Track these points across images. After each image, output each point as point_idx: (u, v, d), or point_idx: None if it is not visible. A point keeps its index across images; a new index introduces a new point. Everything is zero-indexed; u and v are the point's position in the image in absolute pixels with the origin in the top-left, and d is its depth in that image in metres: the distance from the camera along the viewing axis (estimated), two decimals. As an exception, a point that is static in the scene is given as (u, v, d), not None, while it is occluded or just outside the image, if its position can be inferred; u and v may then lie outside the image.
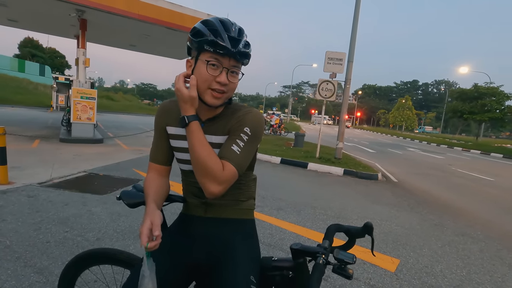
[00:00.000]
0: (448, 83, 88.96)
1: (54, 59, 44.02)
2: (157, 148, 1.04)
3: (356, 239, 1.03)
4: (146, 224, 0.81)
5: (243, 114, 0.95)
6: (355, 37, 8.14)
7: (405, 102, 48.21)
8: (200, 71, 0.88)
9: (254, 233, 1.10)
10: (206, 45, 0.85)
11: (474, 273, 2.67)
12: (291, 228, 3.26)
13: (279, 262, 1.02)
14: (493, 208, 5.16)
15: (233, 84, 0.91)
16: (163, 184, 1.03)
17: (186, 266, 0.99)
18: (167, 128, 1.01)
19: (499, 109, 23.07)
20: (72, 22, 8.30)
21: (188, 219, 1.05)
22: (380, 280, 2.39)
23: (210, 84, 0.88)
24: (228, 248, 0.99)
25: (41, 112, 18.29)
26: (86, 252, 1.22)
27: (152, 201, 0.92)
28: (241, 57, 0.88)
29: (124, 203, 1.07)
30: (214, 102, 0.90)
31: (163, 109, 1.03)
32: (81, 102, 8.00)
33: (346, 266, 0.89)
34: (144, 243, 0.78)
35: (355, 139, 21.52)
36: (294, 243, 0.98)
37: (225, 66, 0.87)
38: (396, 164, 9.90)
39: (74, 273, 1.26)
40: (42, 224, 2.78)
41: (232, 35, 0.86)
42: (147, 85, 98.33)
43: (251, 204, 1.09)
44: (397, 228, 3.65)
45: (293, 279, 1.00)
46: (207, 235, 1.01)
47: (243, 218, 1.06)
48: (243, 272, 0.92)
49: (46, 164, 5.09)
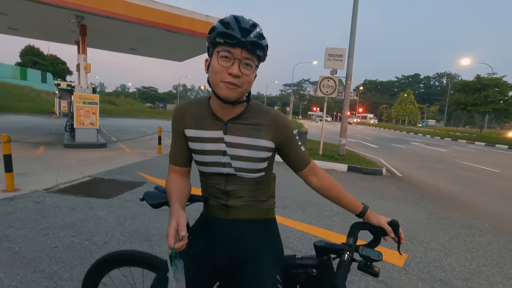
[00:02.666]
0: (450, 75, 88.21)
1: (55, 65, 44.31)
2: (176, 151, 1.03)
3: (381, 237, 1.02)
4: (173, 225, 0.81)
5: (279, 119, 0.98)
6: (355, 32, 8.10)
7: (407, 96, 47.86)
8: (213, 64, 0.88)
9: (277, 232, 1.08)
10: (218, 37, 0.85)
11: (483, 266, 2.65)
12: (297, 226, 3.25)
13: (303, 260, 1.00)
14: (500, 200, 5.11)
15: (247, 76, 0.88)
16: (185, 184, 1.02)
17: (209, 267, 0.98)
18: (185, 131, 1.00)
19: (502, 100, 22.84)
20: (72, 28, 8.34)
21: (210, 221, 1.04)
22: (389, 275, 2.38)
23: (222, 77, 0.87)
24: (252, 249, 0.98)
25: (45, 118, 18.43)
26: (106, 256, 1.21)
27: (176, 202, 0.91)
28: (253, 47, 0.86)
29: (148, 203, 1.07)
30: (227, 94, 0.88)
31: (180, 112, 1.01)
32: (83, 107, 8.04)
33: (372, 263, 0.88)
34: (171, 244, 0.78)
35: (358, 135, 21.43)
36: (318, 241, 0.97)
37: (236, 57, 0.86)
38: (401, 158, 9.84)
39: (95, 279, 1.25)
40: (50, 229, 2.81)
41: (243, 26, 0.85)
42: (148, 88, 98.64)
43: (272, 203, 1.08)
44: (403, 223, 3.62)
45: (317, 277, 0.98)
46: (230, 236, 1.00)
47: (265, 218, 1.05)
48: (268, 271, 0.91)
49: (52, 170, 5.13)
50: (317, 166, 1.07)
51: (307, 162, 1.04)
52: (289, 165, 1.05)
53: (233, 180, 0.98)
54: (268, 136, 0.96)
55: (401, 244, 1.01)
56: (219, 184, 0.99)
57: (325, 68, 8.03)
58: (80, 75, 8.19)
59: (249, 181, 0.98)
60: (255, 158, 0.95)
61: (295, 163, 1.03)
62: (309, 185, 1.08)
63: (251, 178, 0.98)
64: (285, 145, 1.00)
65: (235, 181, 0.98)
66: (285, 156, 1.03)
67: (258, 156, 0.95)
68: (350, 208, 1.04)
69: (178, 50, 10.89)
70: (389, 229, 0.99)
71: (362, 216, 1.04)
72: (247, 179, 0.98)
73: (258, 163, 0.96)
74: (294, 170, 1.06)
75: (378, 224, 1.00)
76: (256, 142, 0.95)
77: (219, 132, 0.96)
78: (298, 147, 1.02)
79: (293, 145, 1.01)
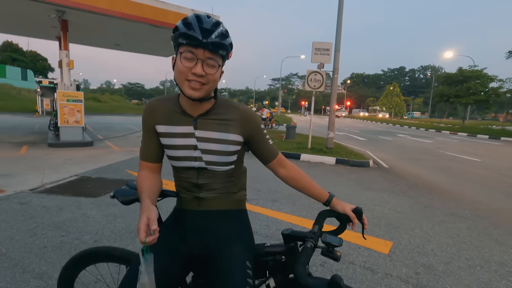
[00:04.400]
0: (434, 68, 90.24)
1: (36, 62, 42.79)
2: (147, 147, 1.06)
3: (347, 224, 1.08)
4: (143, 220, 0.83)
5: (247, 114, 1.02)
6: (341, 26, 8.17)
7: (393, 89, 48.78)
8: (177, 64, 0.91)
9: (247, 222, 1.13)
10: (181, 38, 0.88)
11: (463, 250, 2.79)
12: (286, 219, 3.32)
13: (271, 247, 1.07)
14: (480, 188, 5.34)
15: (211, 76, 0.91)
16: (156, 180, 1.05)
17: (183, 257, 1.01)
18: (156, 127, 1.02)
19: (483, 92, 23.55)
20: (52, 23, 8.07)
21: (183, 213, 1.08)
22: (375, 262, 2.47)
23: (186, 76, 0.90)
24: (223, 238, 1.02)
25: (27, 117, 17.82)
26: (81, 253, 1.23)
27: (146, 197, 0.94)
28: (215, 47, 0.88)
29: (119, 200, 1.09)
30: (192, 94, 0.91)
31: (150, 108, 1.03)
32: (67, 105, 7.84)
33: (333, 249, 0.94)
34: (142, 238, 0.80)
35: (346, 128, 21.74)
36: (285, 229, 1.04)
37: (199, 57, 0.88)
38: (387, 150, 10.08)
39: (71, 275, 1.27)
40: (38, 230, 2.77)
41: (204, 26, 0.87)
42: (134, 85, 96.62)
43: (243, 195, 1.13)
44: (389, 212, 3.75)
45: (285, 263, 1.05)
46: (202, 227, 1.05)
47: (236, 209, 1.10)
48: (238, 258, 0.96)
49: (36, 170, 5.01)
50: (284, 159, 1.12)
51: (275, 154, 1.09)
52: (258, 157, 1.10)
53: (204, 173, 1.02)
54: (237, 130, 1.00)
55: (364, 229, 1.08)
56: (191, 177, 1.02)
57: (312, 62, 8.09)
58: (63, 72, 7.96)
59: (219, 174, 1.03)
60: (225, 152, 0.99)
61: (263, 156, 1.08)
62: (277, 176, 1.13)
63: (221, 171, 1.02)
64: (253, 139, 1.04)
65: (207, 174, 1.02)
66: (253, 149, 1.08)
67: (228, 149, 1.00)
68: (317, 197, 1.11)
69: (164, 45, 10.71)
70: (353, 216, 1.05)
71: (328, 204, 1.10)
72: (218, 172, 1.02)
73: (228, 157, 1.01)
74: (263, 162, 1.11)
75: (343, 211, 1.06)
76: (225, 136, 0.99)
77: (189, 127, 0.99)
78: (266, 141, 1.06)
79: (261, 139, 1.05)
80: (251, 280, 0.94)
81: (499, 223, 3.57)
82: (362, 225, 1.07)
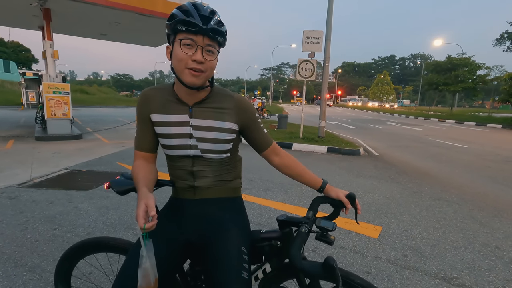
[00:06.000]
0: (423, 56, 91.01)
1: (18, 53, 41.25)
2: (142, 137, 1.05)
3: (340, 209, 1.11)
4: (141, 207, 0.84)
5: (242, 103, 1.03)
6: (331, 14, 8.12)
7: (384, 77, 49.11)
8: (176, 52, 0.90)
9: (243, 208, 1.15)
10: (179, 25, 0.87)
11: (449, 233, 2.90)
12: (279, 207, 3.37)
13: (267, 233, 1.09)
14: (466, 173, 5.50)
15: (210, 62, 0.92)
16: (151, 169, 1.05)
17: (180, 246, 1.03)
18: (151, 116, 1.02)
19: (471, 79, 23.95)
20: (34, 12, 7.76)
21: (179, 202, 1.09)
22: (365, 246, 2.55)
23: (186, 64, 0.89)
24: (219, 225, 1.04)
25: (11, 111, 17.31)
26: (79, 243, 1.24)
27: (143, 186, 0.94)
28: (214, 34, 0.89)
29: (114, 191, 1.09)
30: (193, 81, 0.91)
31: (145, 98, 1.03)
32: (54, 97, 7.64)
33: (327, 233, 0.97)
34: (141, 225, 0.81)
35: (337, 117, 21.90)
36: (280, 215, 1.06)
37: (199, 44, 0.89)
38: (377, 138, 10.23)
39: (69, 265, 1.28)
40: (28, 224, 2.74)
41: (203, 13, 0.88)
42: (123, 76, 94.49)
43: (238, 183, 1.14)
44: (379, 198, 3.85)
45: (281, 248, 1.07)
46: (198, 215, 1.06)
47: (231, 196, 1.11)
48: (234, 245, 0.98)
49: (24, 165, 4.91)
50: (278, 147, 1.14)
51: (269, 143, 1.10)
52: (253, 146, 1.11)
53: (199, 161, 1.02)
54: (232, 119, 1.01)
55: (358, 214, 1.11)
56: (185, 166, 1.03)
57: (303, 51, 8.04)
58: (48, 63, 7.71)
59: (215, 162, 1.04)
60: (221, 140, 1.00)
61: (258, 144, 1.10)
62: (271, 164, 1.15)
63: (217, 159, 1.03)
64: (248, 128, 1.06)
65: (202, 162, 1.03)
66: (248, 137, 1.09)
67: (224, 137, 1.01)
68: (310, 183, 1.13)
69: (152, 34, 10.44)
70: (346, 201, 1.08)
71: (322, 191, 1.13)
72: (213, 160, 1.03)
73: (223, 144, 1.01)
74: (258, 151, 1.12)
75: (336, 197, 1.09)
76: (221, 125, 1.00)
77: (184, 116, 0.99)
78: (260, 129, 1.08)
79: (256, 128, 1.07)
80: (247, 265, 0.96)
81: (483, 206, 3.70)
82: (356, 210, 1.10)
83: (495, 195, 4.20)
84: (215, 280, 0.92)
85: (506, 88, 17.44)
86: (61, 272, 1.27)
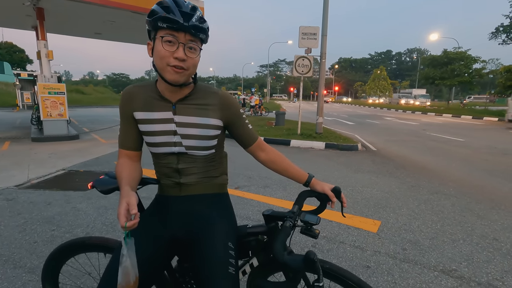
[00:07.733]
0: (420, 51, 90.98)
1: (12, 54, 40.77)
2: (126, 135, 1.04)
3: (326, 203, 1.11)
4: (123, 205, 0.83)
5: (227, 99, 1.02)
6: (327, 10, 8.09)
7: (380, 72, 49.09)
8: (157, 49, 0.89)
9: (229, 204, 1.15)
10: (160, 21, 0.86)
11: (447, 225, 2.92)
12: (278, 203, 3.37)
13: (253, 228, 1.10)
14: (463, 166, 5.53)
15: (193, 59, 0.91)
16: (136, 168, 1.04)
17: (166, 242, 1.03)
18: (134, 114, 1.01)
19: (467, 73, 24.02)
20: (27, 12, 7.66)
21: (165, 200, 1.08)
22: (364, 241, 2.56)
23: (168, 61, 0.89)
24: (206, 221, 1.04)
25: (6, 112, 17.16)
26: (67, 243, 1.22)
27: (125, 184, 0.94)
28: (196, 31, 0.88)
29: (98, 190, 1.08)
30: (175, 78, 0.90)
31: (127, 96, 1.02)
32: (49, 98, 7.57)
33: (311, 227, 0.98)
34: (122, 223, 0.80)
35: (335, 113, 21.91)
36: (266, 210, 1.07)
37: (181, 41, 0.88)
38: (375, 133, 10.26)
39: (56, 265, 1.27)
40: (27, 225, 2.72)
41: (184, 10, 0.87)
42: (119, 75, 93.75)
43: (224, 179, 1.14)
44: (377, 193, 3.86)
45: (267, 242, 1.08)
46: (184, 212, 1.05)
47: (217, 193, 1.11)
48: (221, 240, 0.98)
49: (21, 166, 4.88)
50: (264, 143, 1.14)
51: (255, 139, 1.10)
52: (238, 142, 1.11)
53: (184, 158, 1.02)
54: (216, 115, 1.01)
55: (344, 207, 1.11)
56: (171, 163, 1.02)
57: (300, 47, 8.02)
58: (42, 64, 7.63)
59: (200, 159, 1.03)
60: (205, 136, 1.00)
61: (243, 140, 1.09)
62: (258, 160, 1.14)
63: (202, 155, 1.03)
64: (233, 124, 1.05)
65: (187, 159, 1.02)
66: (233, 134, 1.09)
67: (208, 134, 1.00)
68: (296, 178, 1.13)
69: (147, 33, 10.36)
70: (332, 195, 1.08)
71: (308, 185, 1.13)
72: (198, 157, 1.03)
73: (208, 141, 1.01)
74: (243, 147, 1.12)
75: (322, 191, 1.09)
76: (205, 121, 0.99)
77: (168, 113, 0.98)
78: (245, 125, 1.08)
79: (241, 124, 1.07)
80: (234, 260, 0.97)
81: (481, 199, 3.73)
82: (341, 203, 1.10)
83: (492, 187, 4.23)
84: (203, 275, 0.92)
85: (502, 81, 17.51)
86: (47, 271, 1.26)
